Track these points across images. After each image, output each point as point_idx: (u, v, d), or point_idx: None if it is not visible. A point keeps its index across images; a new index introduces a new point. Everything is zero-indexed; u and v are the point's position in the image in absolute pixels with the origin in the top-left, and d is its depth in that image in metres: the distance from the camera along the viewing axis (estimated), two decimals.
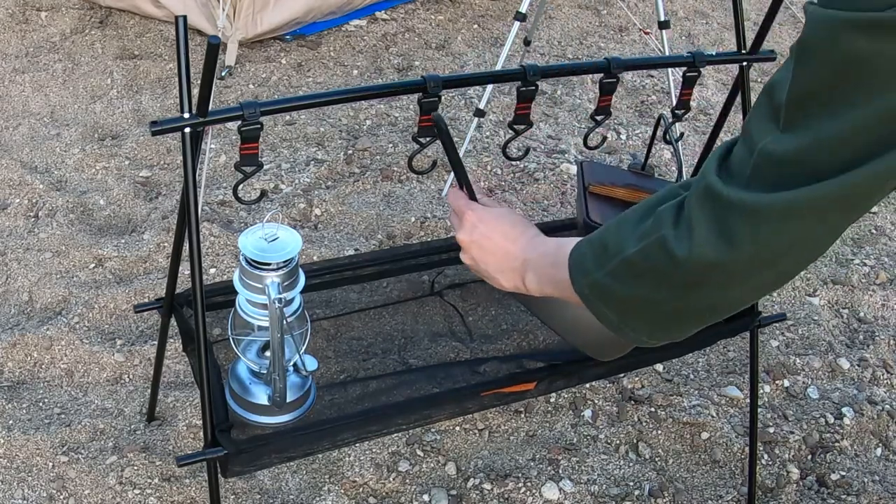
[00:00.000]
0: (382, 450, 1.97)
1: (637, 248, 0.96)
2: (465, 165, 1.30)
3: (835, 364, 2.31)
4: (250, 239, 1.32)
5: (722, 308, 0.96)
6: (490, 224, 1.24)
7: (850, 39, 0.78)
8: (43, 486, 1.86)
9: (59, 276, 2.39)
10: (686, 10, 4.17)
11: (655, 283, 0.95)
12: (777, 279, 0.92)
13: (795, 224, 0.85)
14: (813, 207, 0.83)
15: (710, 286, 0.91)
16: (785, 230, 0.85)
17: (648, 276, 0.95)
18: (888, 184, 0.83)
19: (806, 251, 0.88)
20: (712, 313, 0.97)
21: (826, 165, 0.81)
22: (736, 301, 0.94)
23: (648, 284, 0.96)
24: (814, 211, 0.84)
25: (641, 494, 1.94)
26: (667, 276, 0.93)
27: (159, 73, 3.31)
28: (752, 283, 0.91)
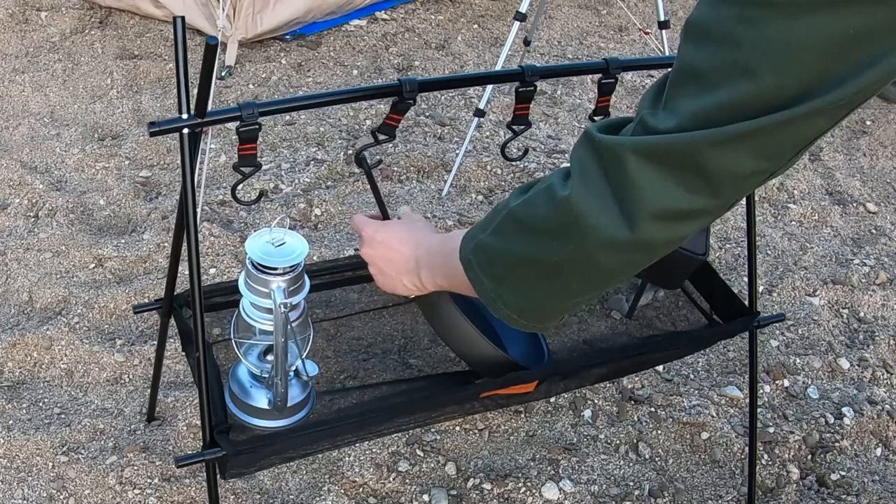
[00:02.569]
0: (382, 450, 1.97)
1: (524, 199, 0.98)
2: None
3: (835, 364, 2.31)
4: (257, 243, 1.32)
5: (590, 273, 0.95)
6: (386, 234, 1.31)
7: (723, 17, 0.78)
8: (43, 486, 1.86)
9: (59, 276, 2.39)
10: (686, 10, 4.17)
11: (533, 233, 0.96)
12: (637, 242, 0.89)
13: (654, 166, 0.84)
14: (669, 150, 0.83)
15: (581, 233, 0.91)
16: (635, 172, 0.85)
17: (528, 224, 0.97)
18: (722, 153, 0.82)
19: (673, 203, 0.86)
20: (580, 279, 0.97)
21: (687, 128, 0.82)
22: (601, 263, 0.93)
23: (527, 235, 0.97)
24: (671, 156, 0.83)
25: (641, 494, 1.94)
26: (545, 221, 0.95)
27: (159, 73, 3.31)
28: (610, 235, 0.89)
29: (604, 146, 0.88)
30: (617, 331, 1.97)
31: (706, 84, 0.80)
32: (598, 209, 0.88)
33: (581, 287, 0.99)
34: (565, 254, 0.94)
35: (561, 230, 0.93)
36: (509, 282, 1.02)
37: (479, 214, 2.71)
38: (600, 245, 0.90)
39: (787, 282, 2.56)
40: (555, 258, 0.95)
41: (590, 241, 0.90)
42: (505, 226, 1.01)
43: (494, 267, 1.03)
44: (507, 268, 1.02)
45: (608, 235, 0.88)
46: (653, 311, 2.04)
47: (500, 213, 1.02)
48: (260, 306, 1.34)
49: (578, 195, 0.89)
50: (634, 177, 0.85)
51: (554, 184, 0.93)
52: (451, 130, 3.13)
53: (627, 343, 1.85)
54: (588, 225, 0.89)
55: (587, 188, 0.89)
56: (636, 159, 0.85)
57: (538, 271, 0.98)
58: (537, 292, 1.01)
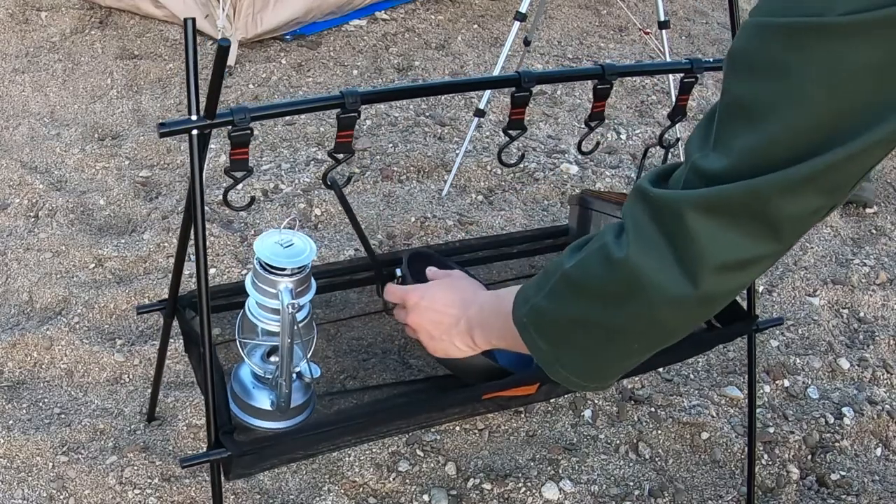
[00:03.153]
0: (382, 450, 1.97)
1: (577, 261, 0.94)
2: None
3: (835, 364, 2.32)
4: (266, 243, 1.32)
5: (653, 332, 0.92)
6: (431, 298, 1.28)
7: (770, 47, 0.75)
8: (43, 486, 1.86)
9: (59, 276, 2.39)
10: (686, 10, 4.17)
11: (590, 296, 0.93)
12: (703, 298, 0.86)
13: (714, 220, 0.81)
14: (730, 202, 0.80)
15: (641, 295, 0.87)
16: (696, 227, 0.81)
17: (585, 287, 0.93)
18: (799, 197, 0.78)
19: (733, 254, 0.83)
20: (642, 339, 0.93)
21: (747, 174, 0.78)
22: (664, 322, 0.90)
23: (584, 298, 0.93)
24: (730, 208, 0.80)
25: (641, 494, 1.94)
26: (602, 284, 0.91)
27: (159, 73, 3.31)
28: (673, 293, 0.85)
29: (660, 202, 0.84)
30: None
31: (757, 117, 0.77)
32: (658, 268, 0.85)
33: (643, 347, 0.96)
34: (626, 316, 0.90)
35: (620, 293, 0.89)
36: (567, 345, 0.98)
37: (480, 214, 2.71)
38: (663, 305, 0.87)
39: (788, 282, 2.56)
40: (615, 321, 0.92)
41: (651, 301, 0.87)
42: (559, 288, 0.97)
43: (551, 330, 0.99)
44: (564, 331, 0.98)
45: (670, 294, 0.85)
46: None
47: (553, 276, 0.97)
48: (266, 307, 1.34)
49: (635, 255, 0.86)
50: (695, 232, 0.81)
51: (608, 244, 0.89)
52: (451, 130, 3.13)
53: None
54: (648, 286, 0.86)
55: (644, 247, 0.85)
56: (695, 214, 0.81)
57: (598, 334, 0.95)
58: (597, 355, 0.97)
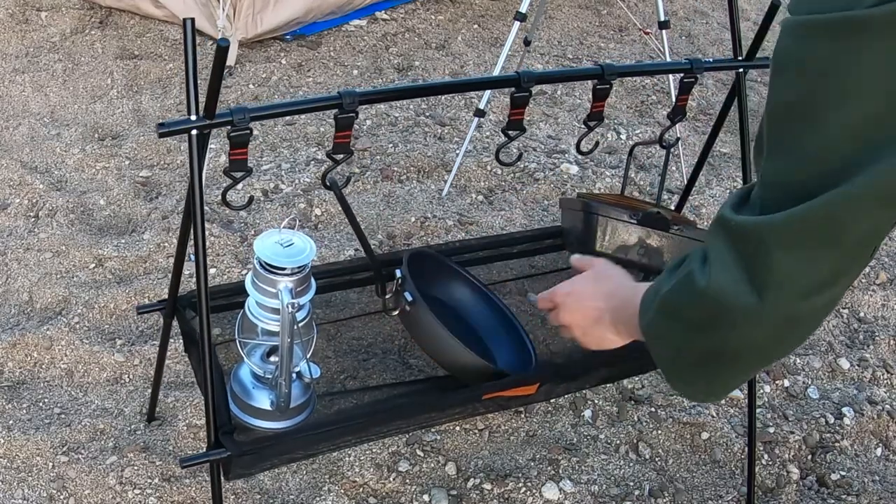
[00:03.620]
0: (382, 450, 1.97)
1: (670, 286, 0.96)
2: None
3: (835, 364, 2.32)
4: (266, 243, 1.32)
5: (746, 354, 0.92)
6: (576, 294, 1.29)
7: (814, 45, 0.75)
8: (43, 486, 1.86)
9: (59, 276, 2.39)
10: (686, 10, 4.17)
11: (685, 322, 0.95)
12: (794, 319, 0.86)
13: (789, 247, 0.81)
14: (805, 227, 0.80)
15: (728, 323, 0.88)
16: (777, 255, 0.81)
17: (679, 314, 0.95)
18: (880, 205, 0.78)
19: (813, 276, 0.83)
20: (741, 361, 0.94)
21: (815, 183, 0.78)
22: (757, 344, 0.90)
23: (679, 323, 0.96)
24: (807, 231, 0.80)
25: (641, 494, 1.94)
26: (692, 312, 0.92)
27: (159, 73, 3.31)
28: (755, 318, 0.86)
29: (740, 231, 0.85)
30: None
31: (812, 117, 0.77)
32: (738, 294, 0.85)
33: (747, 366, 0.96)
34: (720, 340, 0.91)
35: (708, 320, 0.91)
36: (679, 362, 1.00)
37: (480, 214, 2.71)
38: (748, 329, 0.87)
39: None
40: (712, 345, 0.93)
41: (737, 326, 0.87)
42: (660, 312, 1.00)
43: (664, 347, 1.02)
44: (673, 350, 1.00)
45: (746, 314, 0.86)
46: None
47: (655, 298, 1.00)
48: (266, 306, 1.34)
49: (716, 284, 0.87)
50: (776, 262, 0.82)
51: (693, 272, 0.91)
52: (451, 130, 3.13)
53: (627, 345, 1.85)
54: (732, 312, 0.87)
55: (723, 275, 0.86)
56: (775, 243, 0.82)
57: (696, 357, 0.96)
58: (699, 374, 0.99)
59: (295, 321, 1.30)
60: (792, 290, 0.83)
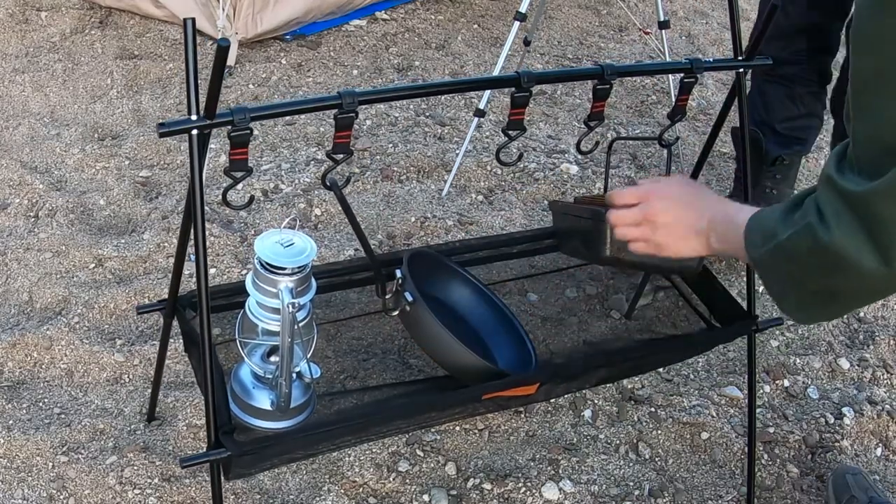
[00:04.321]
0: (382, 450, 1.97)
1: (788, 235, 1.06)
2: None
3: (835, 364, 2.32)
4: (266, 243, 1.32)
5: (862, 295, 1.05)
6: (678, 191, 1.34)
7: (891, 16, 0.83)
8: (43, 486, 1.86)
9: (59, 276, 2.39)
10: (686, 10, 4.17)
11: (804, 265, 1.06)
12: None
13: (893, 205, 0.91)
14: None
15: (852, 276, 0.99)
16: (888, 213, 0.91)
17: (798, 258, 1.06)
18: None
19: None
20: (852, 299, 1.07)
21: None
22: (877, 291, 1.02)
23: (797, 266, 1.06)
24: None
25: (641, 494, 1.94)
26: (813, 259, 1.03)
27: (159, 73, 3.31)
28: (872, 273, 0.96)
29: (850, 195, 0.95)
30: (617, 331, 1.97)
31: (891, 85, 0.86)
32: (859, 252, 0.95)
33: (853, 304, 1.10)
34: (834, 283, 1.03)
35: (828, 268, 1.01)
36: (788, 294, 1.12)
37: (480, 214, 2.71)
38: (865, 280, 0.98)
39: None
40: (826, 285, 1.05)
41: (855, 277, 0.99)
42: (777, 253, 1.10)
43: (774, 280, 1.14)
44: (784, 285, 1.12)
45: (871, 273, 0.96)
46: (652, 311, 2.05)
47: (770, 240, 1.10)
48: (267, 306, 1.34)
49: (840, 240, 0.97)
50: (884, 219, 0.92)
51: (813, 225, 1.00)
52: (451, 130, 3.13)
53: (627, 346, 1.86)
54: (852, 266, 0.97)
55: (846, 234, 0.96)
56: (882, 203, 0.92)
57: (811, 294, 1.08)
58: (811, 307, 1.11)
59: (295, 321, 1.30)
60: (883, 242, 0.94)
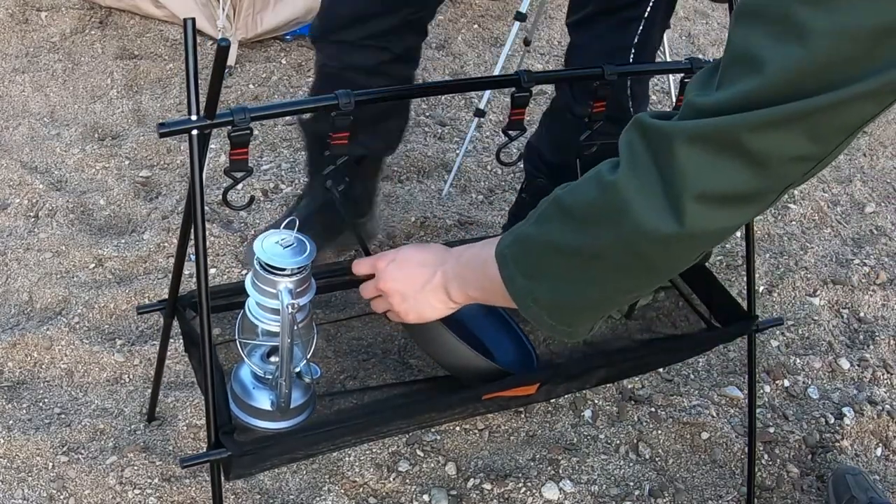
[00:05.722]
0: (382, 450, 1.97)
1: (570, 186, 0.99)
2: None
3: (835, 364, 2.32)
4: (266, 243, 1.32)
5: (632, 265, 0.94)
6: (402, 259, 1.27)
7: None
8: (43, 486, 1.86)
9: (59, 276, 2.39)
10: (686, 10, 4.17)
11: (576, 218, 0.96)
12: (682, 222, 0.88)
13: (698, 150, 0.85)
14: (711, 136, 0.84)
15: (624, 219, 0.90)
16: (683, 155, 0.85)
17: (573, 209, 0.96)
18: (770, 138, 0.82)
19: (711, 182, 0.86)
20: (620, 273, 0.95)
21: (737, 110, 0.83)
22: (643, 253, 0.92)
23: (570, 219, 0.96)
24: (712, 140, 0.84)
25: (641, 494, 1.94)
26: (589, 205, 0.94)
27: (159, 73, 3.31)
28: (653, 219, 0.88)
29: (652, 130, 0.88)
30: (617, 331, 1.97)
31: (758, 64, 0.81)
32: (645, 193, 0.88)
33: (619, 281, 0.97)
34: (607, 240, 0.93)
35: (605, 214, 0.92)
36: (544, 274, 1.00)
37: (480, 214, 2.71)
38: (644, 231, 0.89)
39: (788, 282, 2.56)
40: (596, 245, 0.94)
41: (634, 225, 0.89)
42: (548, 212, 1.00)
43: (530, 258, 1.01)
44: (543, 258, 1.00)
45: (652, 221, 0.88)
46: (653, 312, 2.04)
47: (545, 202, 1.01)
48: (266, 307, 1.34)
49: (626, 178, 0.89)
50: (680, 159, 0.85)
51: (602, 170, 0.93)
52: (451, 130, 3.13)
53: (627, 346, 1.86)
54: (633, 209, 0.88)
55: (635, 172, 0.89)
56: (682, 142, 0.85)
57: (576, 261, 0.97)
58: (573, 286, 0.99)
59: (295, 322, 1.30)
60: (696, 195, 0.86)
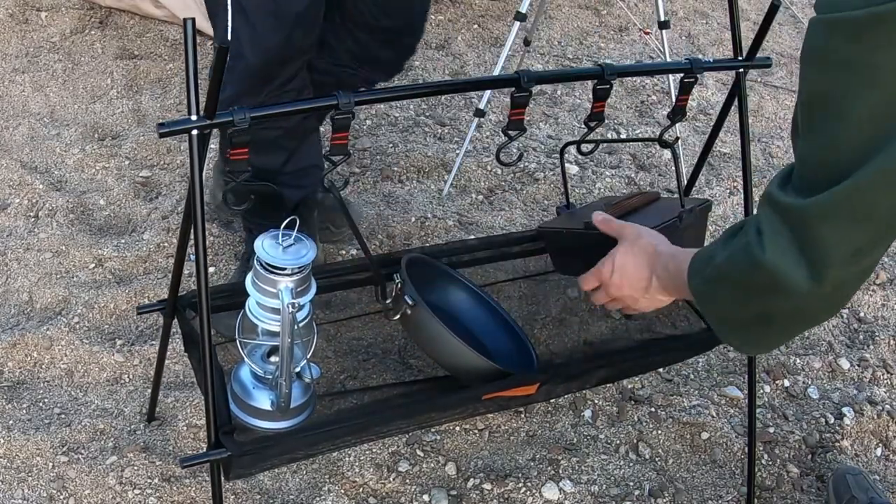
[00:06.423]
0: (382, 450, 1.97)
1: (726, 255, 1.09)
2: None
3: (835, 364, 2.32)
4: (266, 243, 1.32)
5: (797, 317, 1.06)
6: (620, 269, 1.39)
7: (835, 40, 0.85)
8: (43, 486, 1.86)
9: (59, 276, 2.39)
10: (686, 10, 4.17)
11: (739, 288, 1.08)
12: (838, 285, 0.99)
13: (831, 223, 0.93)
14: (841, 205, 0.92)
15: (783, 294, 1.01)
16: (823, 231, 0.94)
17: (734, 281, 1.08)
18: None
19: (854, 245, 0.95)
20: (789, 322, 1.08)
21: (845, 164, 0.89)
22: (804, 309, 1.03)
23: (733, 287, 1.09)
24: (844, 208, 0.92)
25: (641, 494, 1.94)
26: (748, 280, 1.05)
27: (159, 73, 3.31)
28: (805, 289, 0.98)
29: (787, 210, 0.98)
30: (617, 331, 1.97)
31: (836, 106, 0.88)
32: (792, 268, 0.98)
33: (789, 328, 1.12)
34: (771, 306, 1.05)
35: (763, 288, 1.03)
36: (729, 322, 1.14)
37: (480, 214, 2.71)
38: (800, 298, 1.00)
39: None
40: (763, 309, 1.06)
41: (790, 295, 1.00)
42: (714, 278, 1.12)
43: (714, 309, 1.16)
44: (724, 311, 1.14)
45: (799, 291, 0.98)
46: (653, 312, 2.04)
47: (709, 264, 1.13)
48: (267, 306, 1.34)
49: (772, 257, 0.99)
50: (818, 236, 0.94)
51: (751, 243, 1.02)
52: (451, 130, 3.13)
53: (627, 346, 1.86)
54: (785, 283, 0.99)
55: (779, 250, 0.98)
56: (815, 220, 0.94)
57: (750, 317, 1.10)
58: (752, 332, 1.13)
59: (295, 321, 1.30)
60: (836, 262, 0.96)
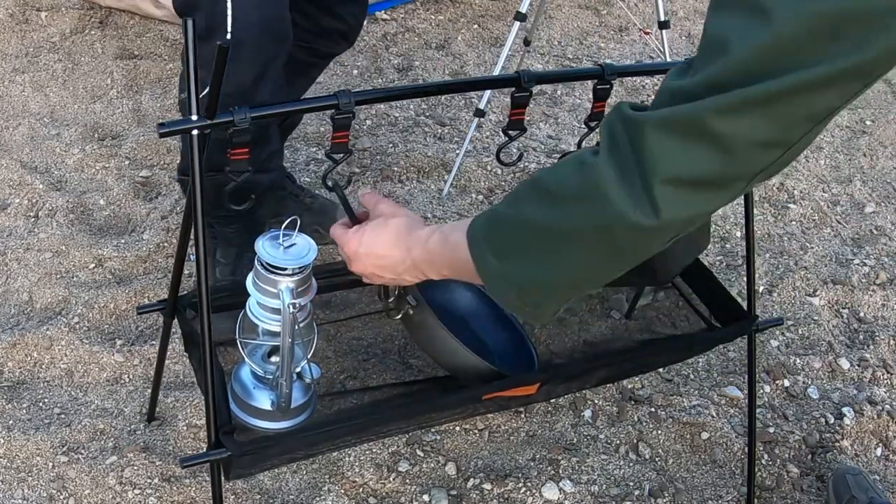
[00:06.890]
0: (382, 450, 1.97)
1: (551, 168, 1.03)
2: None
3: (835, 364, 2.32)
4: (267, 243, 1.32)
5: (602, 245, 0.98)
6: (369, 244, 1.28)
7: None
8: (43, 486, 1.86)
9: (59, 276, 2.39)
10: (686, 10, 4.17)
11: (551, 196, 1.00)
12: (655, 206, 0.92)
13: (665, 137, 0.89)
14: (679, 121, 0.88)
15: (598, 199, 0.94)
16: (653, 140, 0.90)
17: (550, 188, 1.01)
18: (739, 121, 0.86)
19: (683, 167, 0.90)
20: (591, 254, 0.99)
21: (707, 93, 0.86)
22: (614, 232, 0.95)
23: (547, 198, 1.01)
24: (680, 125, 0.88)
25: (641, 494, 1.94)
26: (566, 184, 0.98)
27: (159, 73, 3.31)
28: (626, 200, 0.92)
29: (628, 118, 0.93)
30: (617, 331, 1.97)
31: (724, 46, 0.85)
32: (621, 177, 0.92)
33: (588, 264, 1.01)
34: (581, 219, 0.97)
35: (582, 194, 0.96)
36: (515, 254, 1.04)
37: None
38: (616, 213, 0.93)
39: (788, 282, 2.56)
40: (569, 224, 0.98)
41: (608, 207, 0.93)
42: (525, 193, 1.04)
43: (503, 237, 1.06)
44: (516, 237, 1.04)
45: (625, 204, 0.92)
46: (652, 312, 2.04)
47: (524, 184, 1.05)
48: (267, 306, 1.34)
49: (605, 161, 0.93)
50: (651, 144, 0.90)
51: (584, 153, 0.98)
52: (451, 130, 3.13)
53: (627, 346, 1.86)
54: (609, 191, 0.92)
55: (613, 155, 0.93)
56: (653, 127, 0.90)
57: (549, 240, 1.01)
58: (542, 266, 1.03)
59: (296, 321, 1.30)
60: (666, 179, 0.90)
